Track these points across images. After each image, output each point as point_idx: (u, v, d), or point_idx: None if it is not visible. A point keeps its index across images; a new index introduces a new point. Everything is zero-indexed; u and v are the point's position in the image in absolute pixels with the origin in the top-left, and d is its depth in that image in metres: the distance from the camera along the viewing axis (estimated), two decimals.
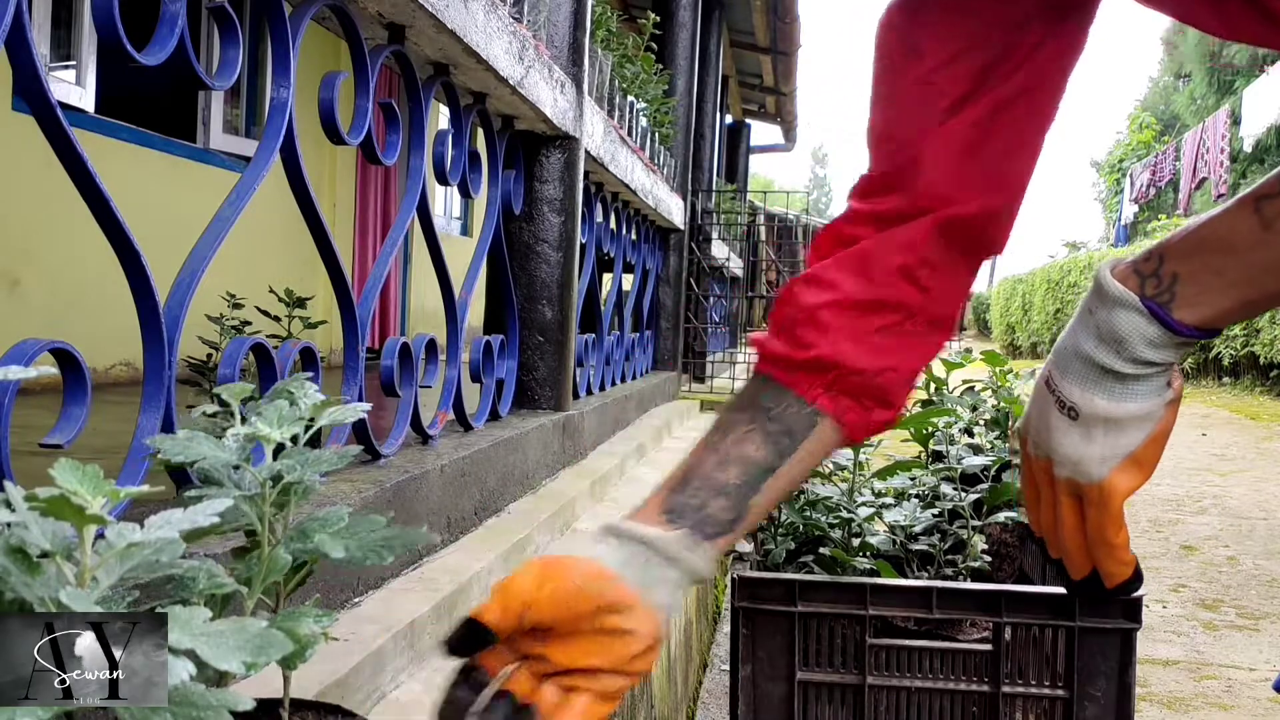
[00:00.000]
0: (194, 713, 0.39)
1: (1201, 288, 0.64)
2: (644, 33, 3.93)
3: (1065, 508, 0.72)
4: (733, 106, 10.20)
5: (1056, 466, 0.71)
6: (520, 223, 2.16)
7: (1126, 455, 0.69)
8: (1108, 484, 0.69)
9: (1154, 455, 0.70)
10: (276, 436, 0.58)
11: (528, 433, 1.94)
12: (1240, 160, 14.53)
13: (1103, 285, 0.67)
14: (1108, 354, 0.66)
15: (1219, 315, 0.64)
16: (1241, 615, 3.30)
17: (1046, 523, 0.75)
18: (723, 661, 2.31)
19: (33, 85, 0.82)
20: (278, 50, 1.19)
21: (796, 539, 1.42)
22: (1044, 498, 0.74)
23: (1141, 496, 3.87)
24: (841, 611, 1.10)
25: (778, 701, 1.12)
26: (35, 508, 0.40)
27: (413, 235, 5.50)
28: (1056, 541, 0.75)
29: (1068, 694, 1.07)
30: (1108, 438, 0.68)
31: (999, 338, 19.86)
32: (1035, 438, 0.73)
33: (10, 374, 0.46)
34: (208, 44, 5.10)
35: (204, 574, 0.52)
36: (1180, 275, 0.64)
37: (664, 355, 4.47)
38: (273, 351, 1.16)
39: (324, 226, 1.32)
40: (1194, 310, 0.64)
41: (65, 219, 4.02)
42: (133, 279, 0.96)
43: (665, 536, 0.70)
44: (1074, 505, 0.72)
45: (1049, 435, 0.71)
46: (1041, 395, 0.72)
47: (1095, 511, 0.70)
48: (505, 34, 1.72)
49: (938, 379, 1.70)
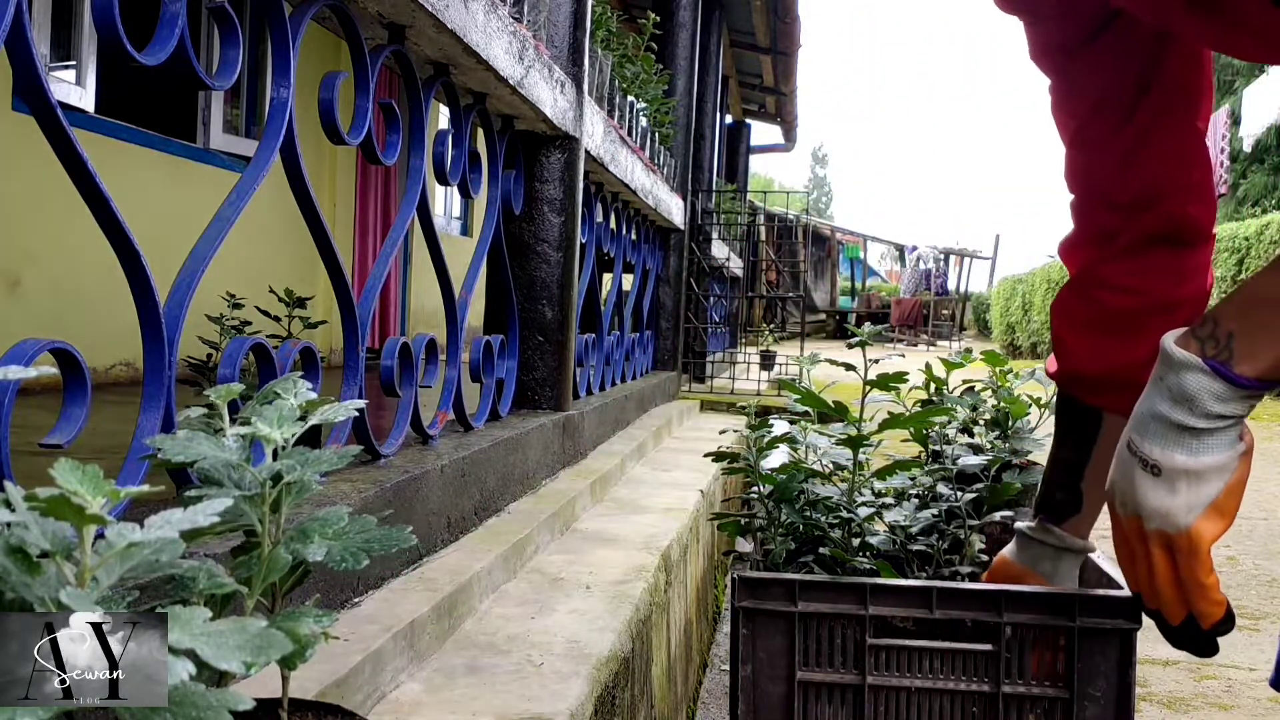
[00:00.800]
0: (194, 713, 0.39)
1: (1255, 342, 0.71)
2: (644, 33, 3.92)
3: (1158, 558, 0.78)
4: (733, 106, 10.20)
5: (1146, 521, 0.77)
6: (520, 223, 2.16)
7: (1209, 503, 0.75)
8: (1195, 531, 0.75)
9: (1234, 503, 0.77)
10: (276, 437, 0.58)
11: (528, 433, 1.94)
12: (1240, 160, 14.52)
13: (1169, 353, 0.75)
14: (1181, 412, 0.74)
15: (1276, 364, 0.71)
16: (1242, 615, 3.30)
17: (1142, 576, 0.81)
18: (723, 661, 2.31)
19: (33, 85, 0.82)
20: (278, 50, 1.19)
21: (796, 539, 1.42)
22: (1137, 553, 0.80)
23: None
24: (841, 611, 1.10)
25: (778, 701, 1.12)
26: (35, 508, 0.40)
27: (413, 235, 5.50)
28: (1152, 592, 0.81)
29: (1068, 694, 1.07)
30: (1190, 489, 0.75)
31: (999, 338, 19.85)
32: (1123, 499, 0.79)
33: (10, 374, 0.46)
34: (208, 44, 5.10)
35: (204, 574, 0.52)
36: (1235, 333, 0.72)
37: (664, 355, 4.47)
38: (272, 351, 1.16)
39: (324, 226, 1.32)
40: (1252, 363, 0.72)
41: (65, 219, 4.02)
42: (133, 279, 0.96)
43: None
44: (1165, 555, 0.78)
45: (1135, 493, 0.77)
46: (1125, 459, 0.79)
47: (1186, 558, 0.77)
48: (505, 34, 1.72)
49: (938, 379, 1.70)
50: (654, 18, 4.11)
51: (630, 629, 1.27)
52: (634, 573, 1.57)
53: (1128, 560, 0.83)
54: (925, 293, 21.43)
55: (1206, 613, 0.79)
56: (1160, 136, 0.93)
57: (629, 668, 1.24)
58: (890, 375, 1.38)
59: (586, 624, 1.19)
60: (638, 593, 1.36)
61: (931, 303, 20.72)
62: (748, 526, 1.48)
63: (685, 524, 1.94)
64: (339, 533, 0.60)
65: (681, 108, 4.77)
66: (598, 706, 1.06)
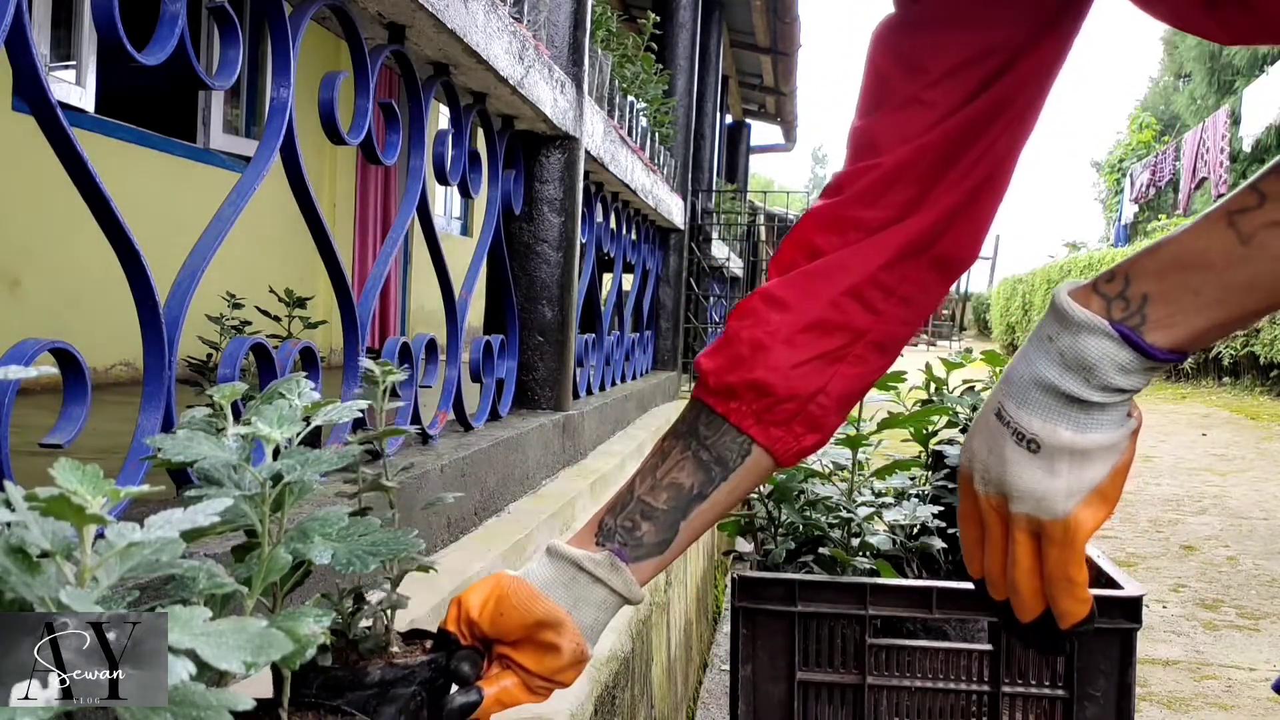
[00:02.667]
0: (194, 712, 0.39)
1: (1175, 308, 0.61)
2: (644, 33, 3.92)
3: (1021, 546, 0.67)
4: (733, 106, 10.20)
5: (1014, 503, 0.66)
6: (520, 223, 2.16)
7: (1092, 488, 0.64)
8: (1074, 519, 0.64)
9: (1117, 489, 0.65)
10: (277, 436, 0.58)
11: (528, 433, 1.94)
12: (1240, 160, 14.53)
13: (1065, 310, 0.63)
14: (1075, 382, 0.62)
15: (1193, 336, 0.61)
16: (1241, 615, 3.30)
17: (993, 564, 0.70)
18: (723, 661, 2.31)
19: (33, 85, 0.82)
20: (278, 50, 1.19)
21: (796, 539, 1.42)
22: (992, 537, 0.69)
23: (1141, 496, 3.85)
24: (841, 611, 1.10)
25: (778, 701, 1.12)
26: (35, 507, 0.40)
27: (413, 235, 5.50)
28: (1004, 583, 0.69)
29: (1068, 694, 1.07)
30: (1073, 471, 0.64)
31: (999, 338, 19.86)
32: (985, 474, 0.68)
33: (10, 374, 0.46)
34: (208, 44, 5.10)
35: (204, 574, 0.52)
36: (1151, 296, 0.61)
37: (664, 355, 4.47)
38: (273, 351, 1.16)
39: (324, 226, 1.32)
40: (1167, 332, 0.61)
41: (65, 219, 4.02)
42: (133, 279, 0.96)
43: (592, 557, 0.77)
44: (1031, 543, 0.67)
45: (1005, 471, 0.66)
46: (993, 428, 0.67)
47: (1057, 550, 0.65)
48: (505, 34, 1.72)
49: (938, 379, 1.70)
50: (654, 18, 4.11)
51: (630, 629, 1.27)
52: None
53: (976, 543, 0.71)
54: None
55: (1070, 611, 0.67)
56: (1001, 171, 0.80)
57: (629, 667, 1.24)
58: (890, 375, 1.38)
59: None
60: None
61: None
62: (748, 527, 1.48)
63: None
64: (341, 533, 0.60)
65: (681, 108, 4.77)
66: (598, 706, 1.06)
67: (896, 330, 0.81)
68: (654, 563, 0.79)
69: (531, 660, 0.74)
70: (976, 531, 0.71)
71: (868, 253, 0.78)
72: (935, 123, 0.77)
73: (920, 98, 0.77)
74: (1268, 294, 0.60)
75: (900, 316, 0.80)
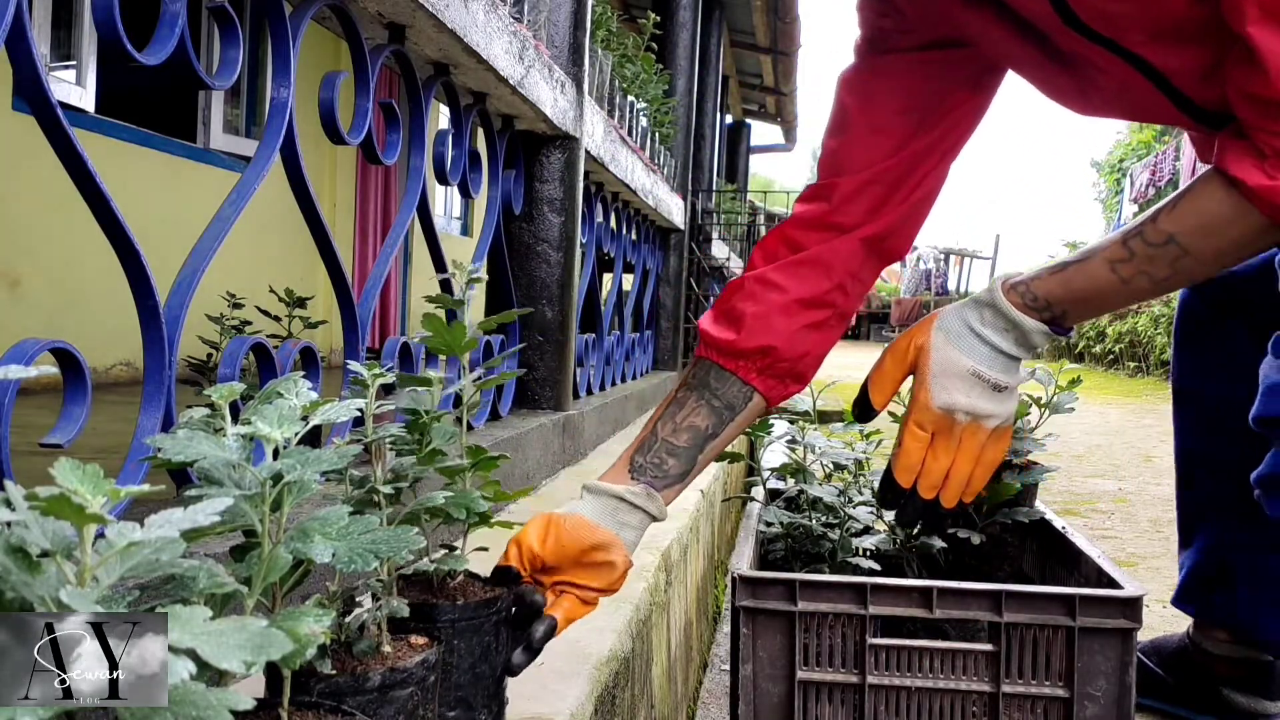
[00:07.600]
0: (194, 712, 0.39)
1: (1078, 315, 0.97)
2: (644, 33, 3.92)
3: (966, 451, 0.98)
4: (733, 106, 10.20)
5: (987, 421, 0.97)
6: (520, 223, 2.16)
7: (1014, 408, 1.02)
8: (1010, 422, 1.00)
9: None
10: (277, 436, 0.58)
11: (528, 432, 1.94)
12: None
13: (1019, 322, 0.96)
14: (1023, 351, 0.98)
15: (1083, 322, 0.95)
16: None
17: (937, 470, 0.99)
18: (723, 661, 2.31)
19: (33, 85, 0.83)
20: (278, 50, 1.19)
21: (796, 538, 1.42)
22: (940, 450, 0.98)
23: (1141, 496, 3.86)
24: (842, 611, 1.10)
25: (778, 701, 1.12)
26: (35, 507, 0.40)
27: (413, 235, 5.50)
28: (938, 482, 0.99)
29: (1068, 694, 1.07)
30: (1010, 400, 0.99)
31: None
32: (969, 410, 0.97)
33: (10, 374, 0.46)
34: (208, 44, 5.10)
35: (204, 573, 0.52)
36: (1068, 313, 0.97)
37: (664, 355, 4.47)
38: (273, 351, 1.16)
39: (324, 226, 1.32)
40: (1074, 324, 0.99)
41: (65, 219, 4.02)
42: (133, 279, 0.96)
43: (631, 490, 0.98)
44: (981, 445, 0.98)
45: (985, 406, 0.97)
46: (974, 383, 0.97)
47: (1004, 443, 0.99)
48: (505, 34, 1.72)
49: None
50: (654, 18, 4.11)
51: (630, 629, 1.27)
52: (634, 572, 1.57)
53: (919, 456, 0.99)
54: (925, 293, 21.45)
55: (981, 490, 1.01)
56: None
57: (629, 668, 1.24)
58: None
59: (586, 624, 1.19)
60: (637, 592, 1.36)
61: (932, 303, 20.71)
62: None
63: (685, 524, 1.94)
64: (341, 532, 0.60)
65: (681, 108, 4.77)
66: (598, 706, 1.06)
67: (855, 305, 1.14)
68: (677, 488, 1.03)
69: (590, 578, 0.93)
70: (924, 452, 0.99)
71: (844, 249, 1.09)
72: (891, 152, 1.08)
73: (881, 130, 1.08)
74: (1136, 302, 0.96)
75: (859, 294, 1.13)
